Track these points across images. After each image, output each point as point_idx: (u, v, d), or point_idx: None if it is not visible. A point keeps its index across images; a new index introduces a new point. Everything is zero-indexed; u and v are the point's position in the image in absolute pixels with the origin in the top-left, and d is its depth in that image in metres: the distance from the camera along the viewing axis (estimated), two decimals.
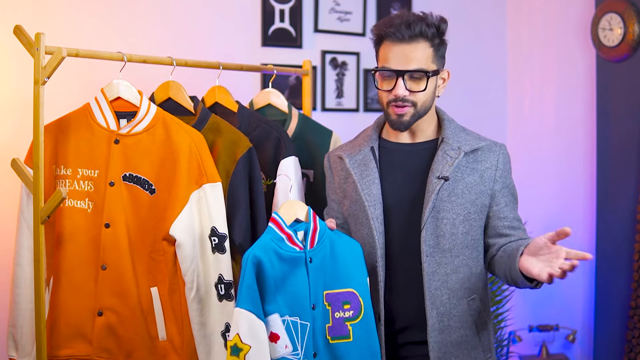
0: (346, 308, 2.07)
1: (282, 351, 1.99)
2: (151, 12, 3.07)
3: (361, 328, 2.08)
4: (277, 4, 3.41)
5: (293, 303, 2.02)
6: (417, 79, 2.09)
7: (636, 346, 3.31)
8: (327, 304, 2.06)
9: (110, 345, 2.22)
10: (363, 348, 2.08)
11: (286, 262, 2.01)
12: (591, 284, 3.66)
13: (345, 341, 2.07)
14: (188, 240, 2.20)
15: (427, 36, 2.08)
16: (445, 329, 2.12)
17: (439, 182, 2.10)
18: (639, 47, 3.36)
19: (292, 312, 2.02)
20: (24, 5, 2.76)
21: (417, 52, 2.08)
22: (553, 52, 3.89)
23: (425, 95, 2.11)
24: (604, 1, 3.50)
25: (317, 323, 2.04)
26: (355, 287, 2.09)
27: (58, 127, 2.25)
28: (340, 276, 2.09)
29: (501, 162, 2.18)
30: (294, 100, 3.37)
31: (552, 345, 3.78)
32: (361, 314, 2.08)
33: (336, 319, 2.06)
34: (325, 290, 2.07)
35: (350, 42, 3.62)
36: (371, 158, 2.21)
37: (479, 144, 2.17)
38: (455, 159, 2.12)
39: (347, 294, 2.08)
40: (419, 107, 2.12)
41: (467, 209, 2.12)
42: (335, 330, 2.06)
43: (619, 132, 3.48)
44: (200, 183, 2.20)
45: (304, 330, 2.02)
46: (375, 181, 2.17)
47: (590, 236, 3.67)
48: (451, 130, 2.18)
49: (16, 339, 2.26)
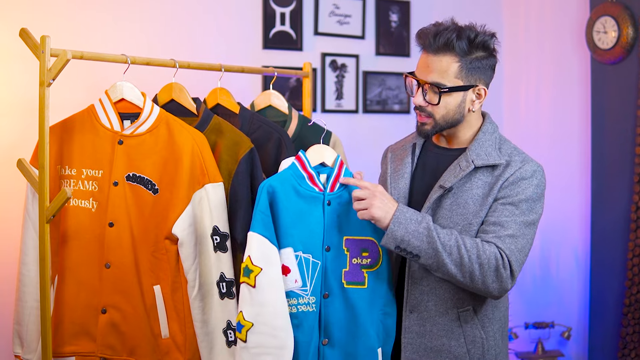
0: (364, 255, 2.08)
1: (291, 285, 2.01)
2: (155, 16, 3.07)
3: (377, 277, 2.09)
4: (278, 8, 3.41)
5: (307, 240, 2.03)
6: (434, 93, 2.02)
7: (630, 343, 3.31)
8: (345, 249, 2.07)
9: (114, 342, 2.22)
10: (376, 297, 2.09)
11: (303, 199, 2.04)
12: (586, 283, 3.66)
13: (360, 287, 2.07)
14: (190, 239, 2.20)
15: (454, 49, 1.99)
16: (426, 334, 2.07)
17: (439, 190, 2.05)
18: (632, 50, 3.36)
19: (306, 249, 2.03)
20: (29, 9, 2.76)
21: (440, 64, 2.00)
22: (549, 54, 3.89)
23: (444, 110, 2.04)
24: (598, 5, 3.50)
25: (329, 265, 2.05)
26: (375, 235, 2.09)
27: (63, 128, 2.25)
28: (360, 224, 2.08)
29: (515, 175, 2.03)
30: (295, 101, 3.36)
31: (548, 342, 3.78)
32: (379, 263, 2.09)
33: (353, 264, 2.07)
34: (345, 236, 2.07)
35: (349, 44, 3.61)
36: (409, 154, 2.20)
37: (497, 160, 2.05)
38: (463, 171, 2.05)
39: (366, 241, 2.09)
40: (438, 119, 2.05)
41: (467, 220, 2.03)
42: (351, 276, 2.07)
43: (613, 133, 3.48)
44: (202, 183, 2.20)
45: (315, 268, 2.04)
46: (405, 176, 2.16)
47: (585, 235, 3.67)
48: (480, 143, 2.08)
49: (22, 336, 2.26)
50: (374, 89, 3.70)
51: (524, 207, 2.01)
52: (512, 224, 1.99)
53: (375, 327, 2.09)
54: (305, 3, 3.48)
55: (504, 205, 2.01)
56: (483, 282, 1.95)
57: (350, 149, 3.15)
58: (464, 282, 1.97)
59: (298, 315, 2.03)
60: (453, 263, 1.94)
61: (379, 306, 2.11)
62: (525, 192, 2.02)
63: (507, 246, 1.96)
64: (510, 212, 2.00)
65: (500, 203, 2.02)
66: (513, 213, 2.00)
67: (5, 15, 2.72)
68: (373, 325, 2.09)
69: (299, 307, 2.04)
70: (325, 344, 2.06)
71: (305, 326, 2.03)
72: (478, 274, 1.94)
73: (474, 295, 2.07)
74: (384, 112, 3.72)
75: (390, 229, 1.94)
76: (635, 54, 3.35)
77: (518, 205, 2.01)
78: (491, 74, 2.09)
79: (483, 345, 2.07)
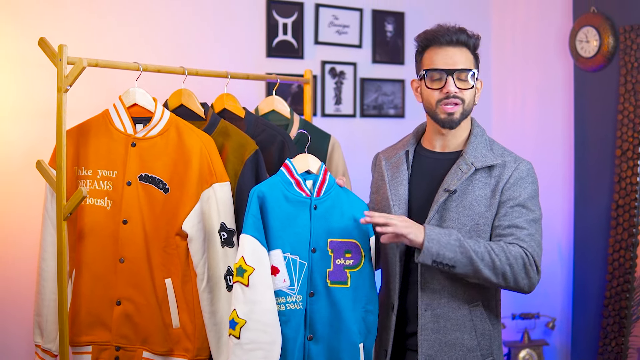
0: (347, 257, 2.09)
1: (280, 284, 2.03)
2: (166, 26, 3.07)
3: (359, 277, 2.10)
4: (281, 18, 3.41)
5: (295, 243, 2.05)
6: (463, 80, 2.08)
7: (610, 333, 3.31)
8: (330, 250, 2.08)
9: (127, 332, 2.22)
10: (358, 295, 2.10)
11: (291, 204, 2.06)
12: (569, 276, 3.66)
13: (343, 286, 2.08)
14: (199, 235, 2.20)
15: (468, 45, 2.10)
16: (440, 329, 2.07)
17: (445, 194, 2.06)
18: (613, 58, 3.36)
19: (293, 250, 2.05)
20: (46, 19, 2.76)
21: (462, 55, 2.09)
22: (534, 62, 3.89)
23: (471, 94, 2.10)
24: (581, 15, 3.50)
25: (315, 265, 2.06)
26: (358, 239, 2.11)
27: (79, 131, 2.25)
28: (344, 227, 2.10)
29: (514, 176, 2.08)
30: (296, 106, 3.36)
31: (534, 332, 3.78)
32: (361, 263, 2.11)
33: (337, 265, 2.08)
34: (330, 238, 2.08)
35: (347, 53, 3.61)
36: (404, 161, 2.19)
37: (494, 161, 2.09)
38: (465, 174, 2.07)
39: (349, 244, 2.10)
40: (466, 104, 2.09)
41: (474, 220, 2.05)
42: (334, 275, 2.08)
43: (595, 136, 3.48)
44: (210, 182, 2.20)
45: (302, 268, 2.06)
46: (404, 182, 2.16)
47: (568, 232, 3.67)
48: (474, 146, 2.12)
49: (41, 327, 2.26)
50: (370, 95, 3.70)
51: (530, 205, 2.06)
52: (525, 224, 2.03)
53: (357, 323, 2.10)
54: (306, 14, 3.48)
55: (513, 208, 2.05)
56: (514, 281, 1.99)
57: (348, 151, 3.15)
58: (497, 283, 2.00)
59: (286, 312, 2.04)
60: (487, 268, 1.96)
61: (361, 304, 2.12)
62: (527, 191, 2.07)
63: (529, 244, 2.01)
64: (520, 213, 2.04)
65: (509, 206, 2.05)
66: (523, 213, 2.04)
67: (24, 25, 2.72)
68: (355, 322, 2.10)
69: (287, 305, 2.05)
70: (310, 340, 2.07)
71: (292, 323, 2.04)
72: (510, 274, 1.97)
73: (482, 291, 2.10)
74: (380, 116, 3.72)
75: (426, 246, 1.93)
76: (616, 62, 3.35)
77: (525, 205, 2.05)
78: None
79: (491, 336, 2.11)
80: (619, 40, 3.32)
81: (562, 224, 3.70)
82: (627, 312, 3.25)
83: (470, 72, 2.08)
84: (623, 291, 3.27)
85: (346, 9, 3.59)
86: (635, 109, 3.24)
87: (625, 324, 3.25)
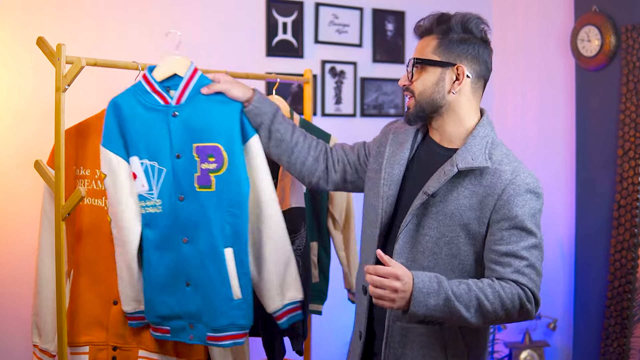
0: (211, 160, 2.08)
1: (139, 189, 2.12)
2: (165, 25, 3.06)
3: (223, 180, 2.08)
4: (281, 17, 3.41)
5: (153, 150, 2.10)
6: (415, 71, 1.93)
7: (612, 334, 3.31)
8: (196, 155, 2.08)
9: (124, 332, 2.22)
10: (222, 199, 2.08)
11: (149, 112, 2.10)
12: (571, 276, 3.66)
13: (208, 190, 2.08)
14: None
15: (434, 31, 1.92)
16: (407, 344, 1.91)
17: (423, 197, 1.86)
18: (614, 57, 3.36)
19: (151, 157, 2.10)
20: (44, 18, 2.76)
21: (421, 44, 1.95)
22: (536, 61, 3.89)
23: (422, 85, 1.91)
24: (582, 15, 3.50)
25: (180, 171, 2.08)
26: (221, 141, 2.08)
27: (78, 131, 2.25)
28: (209, 131, 2.08)
29: (508, 192, 1.82)
30: (296, 106, 3.36)
31: (535, 333, 3.77)
32: (224, 167, 2.08)
33: (202, 169, 2.08)
34: (195, 143, 2.08)
35: (348, 52, 3.61)
36: (410, 139, 2.00)
37: (481, 164, 1.84)
38: (446, 176, 1.85)
39: (212, 147, 2.08)
40: (417, 97, 1.92)
41: (454, 232, 1.85)
42: (201, 180, 2.08)
43: (597, 136, 3.48)
44: None
45: (160, 174, 2.09)
46: (401, 162, 1.98)
47: (570, 232, 3.67)
48: (468, 148, 1.87)
49: (39, 327, 2.26)
50: (370, 94, 3.70)
51: (530, 226, 1.83)
52: (525, 252, 1.81)
53: (220, 227, 2.07)
54: (306, 13, 3.48)
55: (510, 231, 1.81)
56: (508, 320, 1.83)
57: None
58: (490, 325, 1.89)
59: (146, 215, 2.12)
60: (477, 319, 1.77)
61: (225, 207, 2.08)
62: (525, 210, 1.83)
63: (528, 278, 1.80)
64: (519, 237, 1.81)
65: (505, 228, 1.82)
66: (522, 238, 1.82)
67: (21, 24, 2.72)
68: (219, 226, 2.07)
69: (147, 209, 2.12)
70: (185, 242, 2.10)
71: (154, 225, 2.11)
72: (504, 317, 1.79)
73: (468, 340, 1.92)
74: (380, 115, 3.72)
75: (412, 311, 1.73)
76: (618, 61, 3.35)
77: (524, 227, 1.82)
78: (477, 60, 1.92)
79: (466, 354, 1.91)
80: (621, 40, 3.32)
81: (563, 224, 3.70)
82: (629, 312, 3.25)
83: (413, 61, 1.92)
84: (625, 292, 3.27)
85: (346, 8, 3.59)
86: (637, 108, 3.24)
87: (627, 325, 3.25)
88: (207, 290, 2.08)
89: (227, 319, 2.08)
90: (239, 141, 2.08)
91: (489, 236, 1.84)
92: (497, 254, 1.82)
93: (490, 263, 1.83)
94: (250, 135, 2.10)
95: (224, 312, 2.07)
